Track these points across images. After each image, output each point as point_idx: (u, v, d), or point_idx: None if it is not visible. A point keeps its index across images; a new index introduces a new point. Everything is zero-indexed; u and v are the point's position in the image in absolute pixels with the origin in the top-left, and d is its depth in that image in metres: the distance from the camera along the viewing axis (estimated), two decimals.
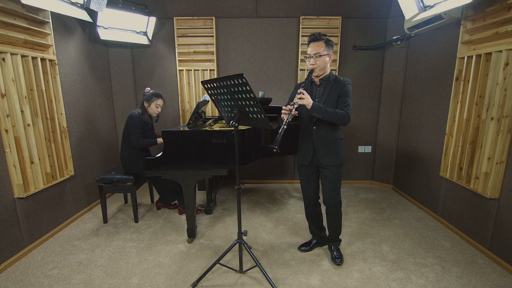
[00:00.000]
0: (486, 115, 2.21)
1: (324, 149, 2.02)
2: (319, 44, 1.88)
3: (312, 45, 1.91)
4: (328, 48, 1.90)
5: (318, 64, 1.90)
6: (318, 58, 1.89)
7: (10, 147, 2.12)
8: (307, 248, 2.32)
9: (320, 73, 1.95)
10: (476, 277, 2.00)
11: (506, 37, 2.06)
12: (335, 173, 2.05)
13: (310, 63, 1.92)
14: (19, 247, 2.23)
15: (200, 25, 3.54)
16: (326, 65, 1.94)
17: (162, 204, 3.15)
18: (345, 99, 1.92)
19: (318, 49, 1.88)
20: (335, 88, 1.94)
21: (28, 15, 2.24)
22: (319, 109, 1.84)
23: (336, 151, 2.03)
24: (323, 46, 1.88)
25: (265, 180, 4.06)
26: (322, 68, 1.93)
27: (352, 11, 3.49)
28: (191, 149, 2.27)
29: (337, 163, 2.03)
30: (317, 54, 1.88)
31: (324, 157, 2.02)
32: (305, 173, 2.16)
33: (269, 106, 3.04)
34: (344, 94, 1.92)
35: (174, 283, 1.94)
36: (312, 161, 2.08)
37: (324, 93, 1.96)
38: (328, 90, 1.95)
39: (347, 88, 1.92)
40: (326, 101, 1.94)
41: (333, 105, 1.94)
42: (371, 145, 3.92)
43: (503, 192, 2.11)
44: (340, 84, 1.93)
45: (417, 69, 3.21)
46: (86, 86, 3.10)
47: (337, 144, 2.03)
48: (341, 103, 1.93)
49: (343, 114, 1.88)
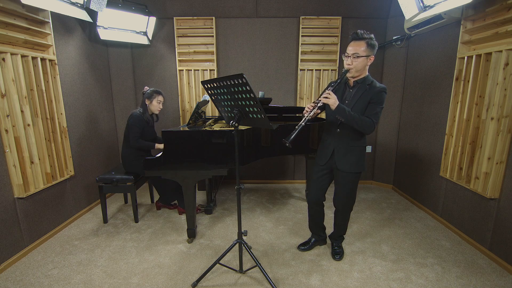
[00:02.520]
0: (486, 115, 2.21)
1: (343, 153, 1.95)
2: (360, 43, 1.75)
3: (352, 44, 1.78)
4: (370, 50, 1.77)
5: (355, 65, 1.78)
6: (356, 58, 1.77)
7: (10, 147, 2.12)
8: (306, 247, 2.31)
9: (355, 74, 1.84)
10: (476, 277, 2.00)
11: (506, 37, 2.06)
12: (351, 180, 1.99)
13: (346, 63, 1.81)
14: (19, 247, 2.23)
15: (200, 25, 3.55)
16: (363, 67, 1.82)
17: (162, 204, 3.15)
18: (375, 106, 1.82)
19: (357, 49, 1.76)
20: (368, 93, 1.82)
21: (28, 15, 2.24)
22: (343, 112, 1.75)
23: (356, 158, 1.95)
24: (363, 46, 1.75)
25: (265, 180, 4.06)
26: (358, 70, 1.81)
27: (352, 11, 3.49)
28: (191, 149, 2.27)
29: (354, 171, 1.96)
30: (356, 55, 1.76)
31: (341, 162, 1.96)
32: (318, 172, 2.10)
33: (269, 106, 3.04)
34: (375, 100, 1.81)
35: (174, 283, 1.94)
36: (328, 162, 2.03)
37: (355, 96, 1.86)
38: (360, 94, 1.84)
39: (381, 96, 1.81)
40: (356, 105, 1.85)
41: (362, 110, 1.84)
42: (371, 145, 3.92)
43: (503, 192, 2.11)
44: (375, 90, 1.82)
45: (417, 69, 3.21)
46: (86, 86, 3.10)
47: (358, 151, 1.95)
48: (370, 109, 1.83)
49: (368, 122, 1.78)
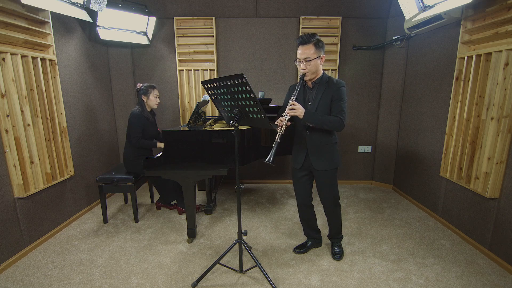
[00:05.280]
0: (486, 115, 2.21)
1: (317, 153, 2.00)
2: (308, 47, 1.80)
3: (301, 49, 1.82)
4: (318, 50, 1.82)
5: (309, 69, 1.84)
6: (308, 62, 1.81)
7: (10, 147, 2.12)
8: (302, 250, 2.30)
9: (312, 76, 1.89)
10: (476, 277, 2.00)
11: (506, 37, 2.06)
12: (330, 177, 2.04)
13: (301, 68, 1.86)
14: (19, 247, 2.23)
15: (200, 25, 3.54)
16: (317, 68, 1.87)
17: (162, 204, 3.15)
18: (339, 103, 1.86)
19: (307, 53, 1.80)
20: (328, 91, 1.88)
21: (28, 15, 2.24)
22: (312, 118, 1.82)
23: (329, 156, 2.00)
24: (312, 49, 1.80)
25: (265, 180, 4.06)
26: (313, 72, 1.87)
27: (352, 11, 3.49)
28: (191, 149, 2.27)
29: (331, 168, 2.01)
30: (307, 59, 1.81)
31: (317, 162, 2.00)
32: (297, 176, 2.14)
33: (269, 106, 3.03)
34: (337, 98, 1.87)
35: (174, 283, 1.94)
36: (304, 164, 2.07)
37: (317, 96, 1.92)
38: (321, 93, 1.90)
39: (341, 92, 1.86)
40: (319, 105, 1.90)
41: (326, 108, 1.90)
42: (371, 145, 3.92)
43: (503, 192, 2.11)
44: (333, 86, 1.87)
45: (417, 69, 3.21)
46: (86, 86, 3.10)
47: (330, 148, 2.00)
48: (334, 108, 1.88)
49: (337, 121, 1.84)
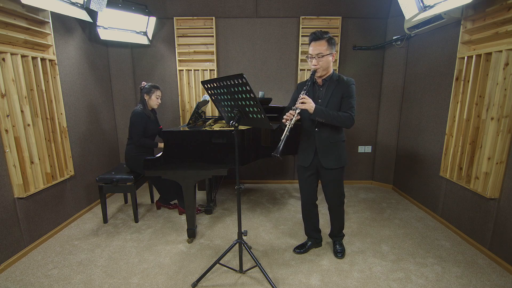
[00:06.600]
0: (486, 115, 2.21)
1: (326, 151, 1.99)
2: (321, 43, 1.80)
3: (313, 45, 1.83)
4: (331, 47, 1.83)
5: (321, 65, 1.83)
6: (320, 58, 1.82)
7: (10, 147, 2.12)
8: (302, 250, 2.30)
9: (323, 73, 1.89)
10: (476, 277, 2.00)
11: (506, 37, 2.06)
12: (337, 175, 2.04)
13: (312, 64, 1.85)
14: (19, 247, 2.23)
15: (200, 25, 3.54)
16: (329, 65, 1.87)
17: (162, 204, 3.15)
18: (349, 100, 1.86)
19: (320, 49, 1.80)
20: (339, 89, 1.88)
21: (28, 15, 2.24)
22: (322, 113, 1.80)
23: (338, 154, 2.00)
24: (325, 45, 1.80)
25: (265, 180, 4.06)
26: (325, 68, 1.87)
27: (352, 11, 3.49)
28: (191, 149, 2.27)
29: (339, 166, 2.01)
30: (320, 55, 1.81)
31: (326, 160, 1.99)
32: (305, 175, 2.12)
33: (269, 106, 3.03)
34: (348, 95, 1.87)
35: (174, 283, 1.94)
36: (312, 163, 2.05)
37: (327, 94, 1.91)
38: (331, 91, 1.89)
39: (351, 89, 1.87)
40: (329, 102, 1.90)
41: (336, 106, 1.89)
42: (371, 145, 3.92)
43: (503, 192, 2.11)
44: (344, 84, 1.88)
45: (417, 69, 3.21)
46: (86, 86, 3.10)
47: (339, 146, 2.00)
48: (345, 105, 1.87)
49: (347, 117, 1.83)
